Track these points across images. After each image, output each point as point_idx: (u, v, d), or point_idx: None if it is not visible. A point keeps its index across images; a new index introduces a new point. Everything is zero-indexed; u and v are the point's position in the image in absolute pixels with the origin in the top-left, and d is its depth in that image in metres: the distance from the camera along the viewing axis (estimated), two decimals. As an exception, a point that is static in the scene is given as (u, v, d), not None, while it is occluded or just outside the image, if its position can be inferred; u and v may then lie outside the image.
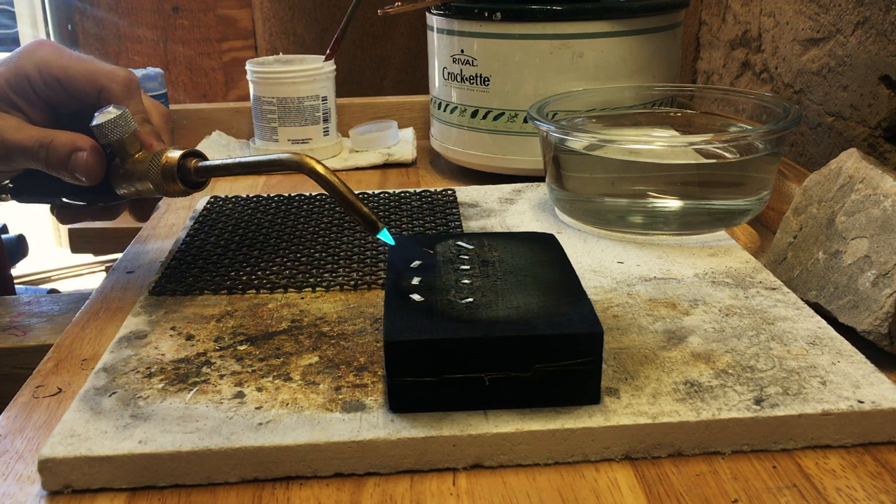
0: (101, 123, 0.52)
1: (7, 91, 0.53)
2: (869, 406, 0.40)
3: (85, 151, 0.52)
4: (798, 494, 0.37)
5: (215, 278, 0.56)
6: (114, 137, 0.52)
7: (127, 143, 0.53)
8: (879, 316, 0.47)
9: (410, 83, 1.47)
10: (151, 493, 0.39)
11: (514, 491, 0.38)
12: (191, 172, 0.53)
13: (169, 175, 0.52)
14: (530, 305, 0.42)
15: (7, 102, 0.53)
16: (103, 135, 0.52)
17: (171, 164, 0.52)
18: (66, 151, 0.52)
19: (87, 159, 0.52)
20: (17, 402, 0.46)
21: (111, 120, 0.52)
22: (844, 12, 0.74)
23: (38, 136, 0.53)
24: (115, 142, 0.52)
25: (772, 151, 0.61)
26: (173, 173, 0.52)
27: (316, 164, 0.48)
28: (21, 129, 0.53)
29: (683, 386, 0.42)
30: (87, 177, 0.53)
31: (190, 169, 0.53)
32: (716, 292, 0.53)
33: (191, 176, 0.53)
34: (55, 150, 0.52)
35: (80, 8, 1.47)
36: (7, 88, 0.53)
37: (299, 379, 0.44)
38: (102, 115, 0.52)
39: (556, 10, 0.73)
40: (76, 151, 0.52)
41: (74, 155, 0.52)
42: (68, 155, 0.52)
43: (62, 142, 0.52)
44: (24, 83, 0.53)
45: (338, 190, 0.48)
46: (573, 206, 0.65)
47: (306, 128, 0.91)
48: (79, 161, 0.52)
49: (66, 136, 0.53)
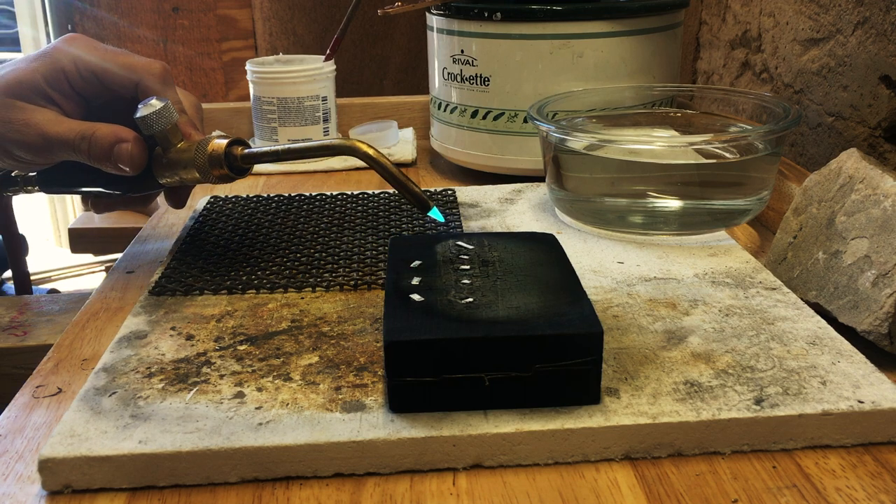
0: (147, 115, 0.53)
1: (43, 85, 0.54)
2: (869, 406, 0.40)
3: (129, 142, 0.53)
4: (798, 494, 0.37)
5: (215, 278, 0.56)
6: (158, 128, 0.53)
7: (170, 133, 0.54)
8: (879, 316, 0.47)
9: (410, 83, 1.47)
10: (151, 493, 0.38)
11: (514, 491, 0.38)
12: (237, 159, 0.54)
13: (216, 162, 0.54)
14: (530, 305, 0.42)
15: (42, 96, 0.54)
16: (148, 126, 0.53)
17: (219, 151, 0.54)
18: (109, 143, 0.53)
19: (132, 150, 0.53)
20: (17, 402, 0.46)
21: (156, 111, 0.53)
22: (844, 12, 0.74)
23: (80, 128, 0.53)
24: (159, 132, 0.54)
25: (772, 151, 0.61)
26: (220, 160, 0.54)
27: (368, 148, 0.51)
28: (60, 122, 0.54)
29: (683, 386, 0.42)
30: (132, 167, 0.54)
31: (236, 156, 0.54)
32: (716, 292, 0.53)
33: (237, 162, 0.54)
34: (98, 141, 0.53)
35: (80, 8, 1.46)
36: (43, 82, 0.54)
37: (299, 379, 0.44)
38: (146, 107, 0.53)
39: (556, 10, 0.73)
40: (119, 142, 0.53)
41: (118, 146, 0.53)
42: (111, 146, 0.53)
43: (104, 133, 0.53)
44: (60, 77, 0.54)
45: (391, 171, 0.51)
46: (573, 206, 0.65)
47: (306, 128, 0.91)
48: (123, 152, 0.53)
49: (107, 127, 0.54)
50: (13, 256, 1.16)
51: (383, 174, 0.51)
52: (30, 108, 0.53)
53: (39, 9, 2.06)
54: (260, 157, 0.55)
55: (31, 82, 0.53)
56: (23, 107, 0.53)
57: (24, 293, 1.14)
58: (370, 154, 0.51)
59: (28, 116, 0.53)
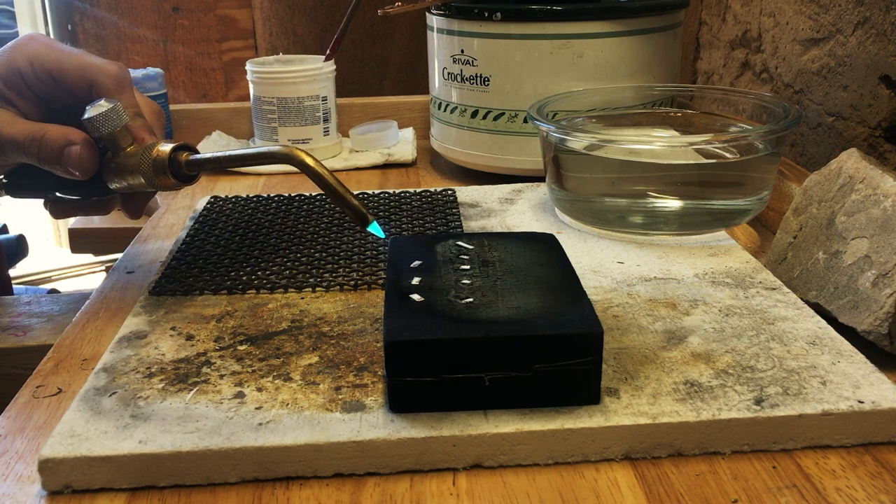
0: (93, 117, 0.52)
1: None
2: (869, 406, 0.40)
3: (77, 145, 0.52)
4: (798, 494, 0.37)
5: (215, 278, 0.56)
6: (105, 131, 0.52)
7: (118, 136, 0.53)
8: (879, 316, 0.47)
9: (410, 83, 1.47)
10: (151, 493, 0.38)
11: (514, 491, 0.38)
12: (182, 166, 0.53)
13: (160, 168, 0.52)
14: (530, 305, 0.42)
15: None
16: (94, 128, 0.52)
17: (163, 157, 0.52)
18: (59, 145, 0.52)
19: (80, 153, 0.52)
20: (17, 402, 0.47)
21: (102, 113, 0.52)
22: (844, 12, 0.74)
23: (30, 129, 0.52)
24: (107, 135, 0.52)
25: (772, 151, 0.61)
26: (164, 166, 0.52)
27: (305, 157, 0.49)
28: (13, 122, 0.53)
29: (683, 386, 0.42)
30: (80, 171, 0.53)
31: (181, 162, 0.52)
32: (716, 292, 0.53)
33: (182, 169, 0.53)
34: (47, 143, 0.52)
35: (80, 8, 1.46)
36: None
37: (299, 379, 0.44)
38: (93, 108, 0.52)
39: (556, 10, 0.73)
40: (69, 145, 0.52)
41: (67, 149, 0.52)
42: (61, 149, 0.52)
43: (54, 136, 0.52)
44: (16, 77, 0.53)
45: (327, 182, 0.48)
46: (573, 206, 0.65)
47: (306, 128, 0.91)
48: (71, 155, 0.52)
49: (58, 129, 0.52)
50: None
51: (320, 184, 0.48)
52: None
53: (39, 9, 2.05)
54: (204, 164, 0.53)
55: None
56: None
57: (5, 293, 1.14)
58: (307, 162, 0.48)
59: None
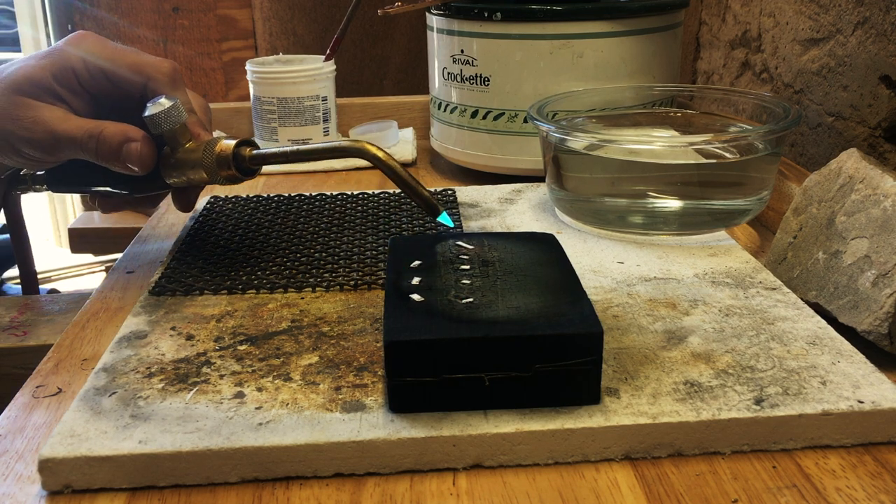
0: (155, 114, 0.52)
1: (52, 82, 0.53)
2: (869, 406, 0.40)
3: (137, 142, 0.53)
4: (798, 494, 0.37)
5: (215, 278, 0.56)
6: (166, 128, 0.53)
7: (178, 133, 0.54)
8: (879, 316, 0.47)
9: (410, 83, 1.47)
10: (151, 493, 0.38)
11: (514, 491, 0.38)
12: (245, 160, 0.54)
13: (224, 163, 0.53)
14: (530, 305, 0.42)
15: (51, 94, 0.53)
16: (156, 125, 0.53)
17: (227, 152, 0.53)
18: (118, 142, 0.53)
19: (141, 149, 0.53)
20: (17, 402, 0.47)
21: (165, 111, 0.52)
22: (844, 12, 0.74)
23: (88, 126, 0.53)
24: (168, 132, 0.53)
25: (772, 151, 0.61)
26: (228, 161, 0.53)
27: (377, 151, 0.51)
28: (68, 119, 0.53)
29: (683, 386, 0.42)
30: (141, 166, 0.53)
31: (244, 157, 0.54)
32: (716, 292, 0.53)
33: (245, 163, 0.54)
34: (106, 140, 0.53)
35: (80, 8, 1.46)
36: (52, 80, 0.53)
37: (299, 379, 0.44)
38: (155, 105, 0.53)
39: (556, 10, 0.73)
40: (128, 142, 0.53)
41: (126, 145, 0.53)
42: (120, 145, 0.53)
43: (113, 132, 0.53)
44: (69, 74, 0.54)
45: (399, 175, 0.51)
46: (573, 206, 0.65)
47: (306, 128, 0.91)
48: (132, 151, 0.53)
49: (116, 126, 0.53)
50: (20, 256, 1.15)
51: (393, 177, 0.51)
52: (38, 105, 0.53)
53: (39, 9, 2.06)
54: (269, 159, 0.54)
55: (39, 79, 0.53)
56: (31, 104, 0.53)
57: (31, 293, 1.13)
58: (379, 157, 0.50)
59: (37, 114, 0.53)
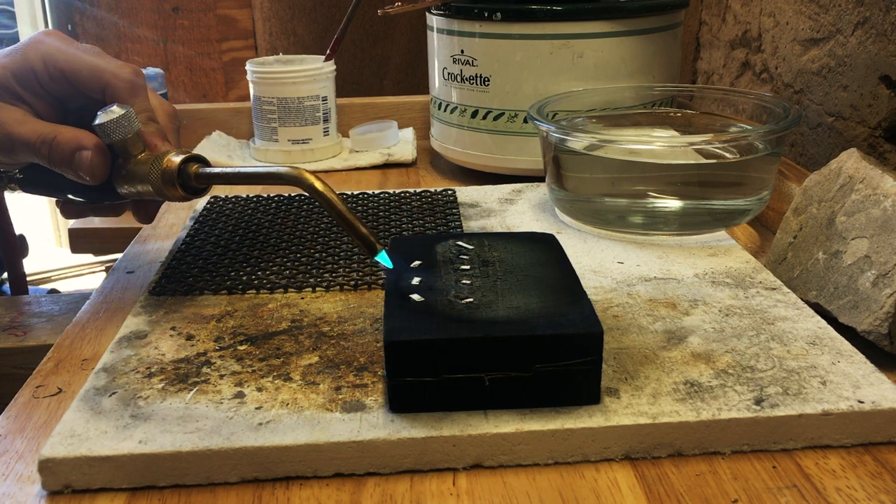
0: (103, 123, 0.51)
1: (12, 83, 0.52)
2: (869, 406, 0.40)
3: (89, 150, 0.51)
4: (798, 494, 0.37)
5: (215, 278, 0.56)
6: (116, 138, 0.51)
7: (129, 143, 0.52)
8: (879, 316, 0.47)
9: (410, 83, 1.47)
10: (151, 493, 0.38)
11: (514, 491, 0.38)
12: (192, 178, 0.52)
13: (169, 179, 0.51)
14: (530, 305, 0.42)
15: (12, 94, 0.52)
16: (105, 134, 0.51)
17: (172, 168, 0.51)
18: (70, 149, 0.51)
19: (91, 158, 0.51)
20: (17, 402, 0.46)
21: (113, 120, 0.51)
22: (844, 12, 0.74)
23: (42, 131, 0.51)
24: (118, 142, 0.51)
25: (772, 151, 0.61)
26: (173, 178, 0.51)
27: (315, 181, 0.47)
28: (25, 122, 0.52)
29: (683, 386, 0.42)
30: (91, 176, 0.52)
31: (191, 175, 0.51)
32: (716, 292, 0.53)
33: (191, 181, 0.52)
34: (58, 146, 0.51)
35: (80, 8, 1.46)
36: (12, 80, 0.52)
37: (299, 379, 0.44)
38: (105, 114, 0.51)
39: (556, 10, 0.73)
40: (80, 150, 0.51)
41: (78, 153, 0.51)
42: (72, 153, 0.51)
43: (66, 139, 0.51)
44: (29, 75, 0.52)
45: (336, 207, 0.47)
46: (573, 206, 0.65)
47: (306, 128, 0.91)
48: (83, 160, 0.51)
49: (70, 132, 0.51)
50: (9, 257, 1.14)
51: (329, 209, 0.47)
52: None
53: (39, 9, 2.05)
54: (213, 179, 0.52)
55: (0, 79, 0.52)
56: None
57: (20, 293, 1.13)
58: (316, 187, 0.47)
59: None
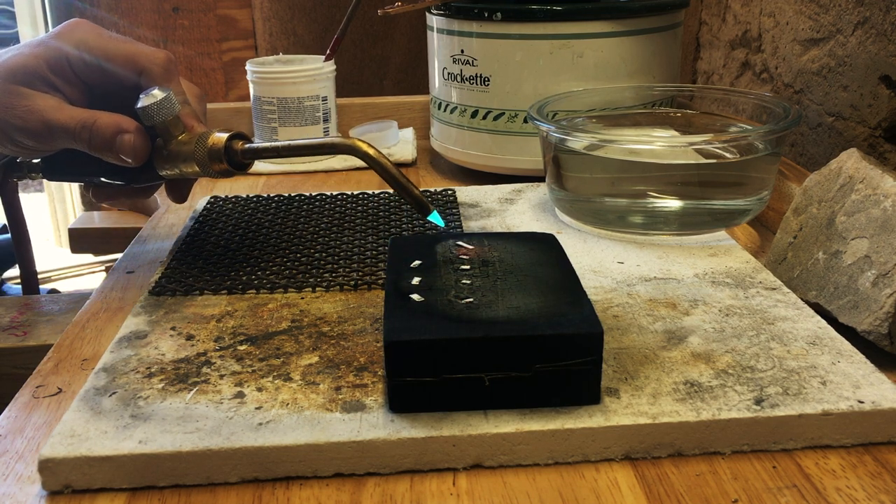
0: (147, 106, 0.52)
1: (45, 71, 0.53)
2: (869, 406, 0.40)
3: (130, 133, 0.52)
4: (798, 494, 0.37)
5: (215, 278, 0.56)
6: (159, 120, 0.52)
7: (171, 125, 0.53)
8: (879, 316, 0.47)
9: (410, 83, 1.47)
10: (151, 493, 0.39)
11: (514, 491, 0.38)
12: (237, 154, 0.53)
13: (216, 156, 0.53)
14: (530, 305, 0.42)
15: (45, 83, 0.53)
16: (149, 117, 0.52)
17: (219, 145, 0.53)
18: (111, 133, 0.52)
19: (133, 141, 0.52)
20: (17, 402, 0.47)
21: (157, 102, 0.52)
22: (844, 12, 0.74)
23: (81, 116, 0.52)
24: (160, 124, 0.53)
25: (772, 151, 0.61)
26: (220, 154, 0.53)
27: (368, 148, 0.50)
28: (62, 109, 0.53)
29: (683, 386, 0.42)
30: (134, 158, 0.53)
31: (237, 151, 0.53)
32: (716, 292, 0.53)
33: (237, 157, 0.53)
34: (99, 131, 0.52)
35: (80, 8, 1.46)
36: (45, 68, 0.53)
37: (299, 379, 0.44)
38: (147, 97, 0.52)
39: (556, 10, 0.73)
40: (121, 133, 0.52)
41: (119, 136, 0.52)
42: (113, 136, 0.52)
43: (106, 123, 0.52)
44: (63, 63, 0.53)
45: (391, 173, 0.50)
46: (573, 206, 0.65)
47: (306, 128, 0.91)
48: (124, 143, 0.52)
49: (109, 117, 0.53)
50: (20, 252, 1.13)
51: (383, 175, 0.50)
52: (32, 94, 0.52)
53: (39, 9, 2.06)
54: (260, 153, 0.54)
55: (34, 68, 0.52)
56: (25, 93, 0.52)
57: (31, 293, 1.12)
58: (370, 154, 0.50)
59: (30, 102, 0.52)
